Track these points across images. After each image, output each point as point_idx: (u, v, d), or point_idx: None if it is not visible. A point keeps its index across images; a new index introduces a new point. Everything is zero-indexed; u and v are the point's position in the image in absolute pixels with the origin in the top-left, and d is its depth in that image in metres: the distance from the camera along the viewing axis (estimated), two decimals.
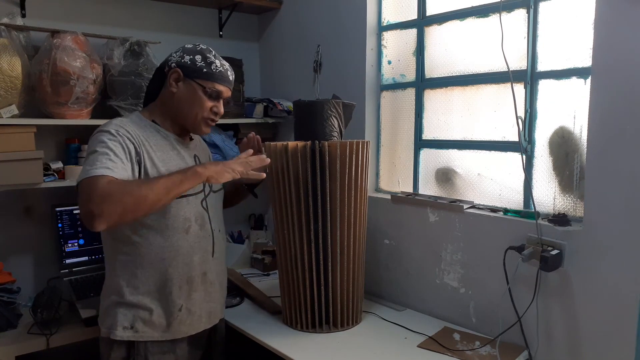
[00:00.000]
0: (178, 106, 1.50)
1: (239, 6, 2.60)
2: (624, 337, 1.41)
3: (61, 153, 2.20)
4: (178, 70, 1.48)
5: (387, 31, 2.17)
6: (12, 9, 2.06)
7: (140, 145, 1.40)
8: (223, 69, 1.51)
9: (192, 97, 1.48)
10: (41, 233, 2.20)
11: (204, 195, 1.56)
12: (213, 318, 1.61)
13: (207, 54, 1.50)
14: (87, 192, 1.24)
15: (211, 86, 1.48)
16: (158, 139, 1.48)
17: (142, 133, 1.44)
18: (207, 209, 1.56)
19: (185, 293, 1.50)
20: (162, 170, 1.43)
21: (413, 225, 1.97)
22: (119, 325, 1.45)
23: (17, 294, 1.94)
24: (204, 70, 1.48)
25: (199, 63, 1.48)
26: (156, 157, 1.44)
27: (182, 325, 1.50)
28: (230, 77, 1.54)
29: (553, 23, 1.61)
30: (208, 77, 1.48)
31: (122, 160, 1.34)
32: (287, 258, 1.76)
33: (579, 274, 1.50)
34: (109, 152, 1.32)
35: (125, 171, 1.33)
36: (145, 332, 1.46)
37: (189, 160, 1.54)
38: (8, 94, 1.86)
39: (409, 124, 2.10)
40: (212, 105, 1.50)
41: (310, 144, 1.67)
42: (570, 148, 1.58)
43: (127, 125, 1.42)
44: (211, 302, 1.58)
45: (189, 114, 1.49)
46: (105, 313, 1.49)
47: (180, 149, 1.53)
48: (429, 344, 1.66)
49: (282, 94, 2.67)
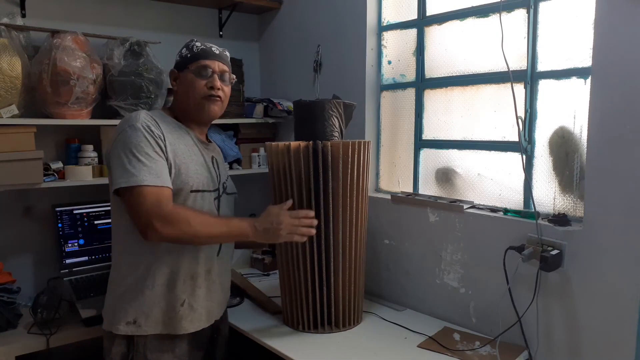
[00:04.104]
0: (182, 99, 1.56)
1: (239, 6, 2.60)
2: (624, 337, 1.41)
3: (61, 153, 2.20)
4: (173, 69, 1.58)
5: (387, 31, 2.17)
6: (12, 9, 2.06)
7: (165, 138, 1.44)
8: (205, 46, 1.56)
9: (185, 84, 1.54)
10: (41, 233, 2.20)
11: (218, 195, 1.58)
12: (211, 317, 1.60)
13: (190, 43, 1.57)
14: (152, 204, 1.34)
15: (196, 65, 1.52)
16: (181, 133, 1.53)
17: (166, 126, 1.48)
18: (219, 208, 1.58)
19: (189, 288, 1.50)
20: (186, 162, 1.47)
21: (413, 225, 1.98)
22: (122, 320, 1.46)
23: (17, 294, 1.94)
24: (188, 56, 1.54)
25: (184, 53, 1.56)
26: (181, 149, 1.48)
27: (183, 320, 1.50)
28: (215, 51, 1.56)
29: (553, 23, 1.61)
30: (192, 59, 1.53)
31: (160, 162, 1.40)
32: (288, 258, 1.76)
33: (579, 274, 1.50)
34: (149, 155, 1.38)
35: (168, 178, 1.41)
36: (148, 326, 1.47)
37: (207, 157, 1.58)
38: (8, 94, 1.86)
39: (409, 124, 2.10)
40: (205, 82, 1.52)
41: (312, 144, 1.67)
42: (570, 148, 1.58)
43: (151, 119, 1.46)
44: (211, 300, 1.58)
45: (190, 100, 1.53)
46: (110, 307, 1.51)
47: (200, 147, 1.57)
48: (429, 344, 1.66)
49: (282, 94, 2.67)
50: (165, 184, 1.39)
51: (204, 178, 1.52)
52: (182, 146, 1.50)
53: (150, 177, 1.36)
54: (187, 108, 1.56)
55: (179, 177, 1.45)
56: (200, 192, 1.50)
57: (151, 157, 1.38)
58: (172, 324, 1.49)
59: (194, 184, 1.48)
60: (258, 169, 2.62)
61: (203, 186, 1.51)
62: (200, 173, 1.51)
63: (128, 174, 1.36)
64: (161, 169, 1.39)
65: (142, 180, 1.35)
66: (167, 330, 1.49)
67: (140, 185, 1.34)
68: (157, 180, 1.37)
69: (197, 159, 1.53)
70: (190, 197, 1.47)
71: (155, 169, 1.38)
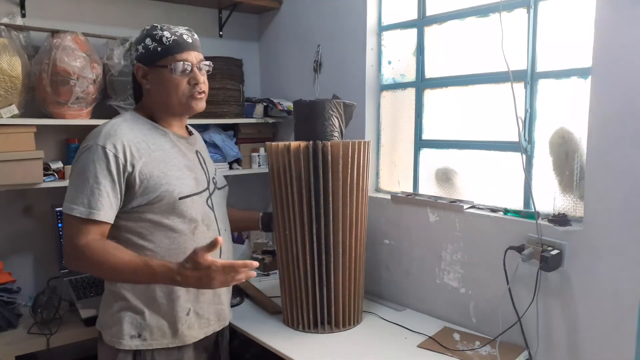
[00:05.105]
0: (159, 99, 1.44)
1: (239, 6, 2.60)
2: (624, 337, 1.41)
3: (61, 153, 2.20)
4: (139, 65, 1.42)
5: (387, 31, 2.17)
6: (12, 9, 2.06)
7: (135, 153, 1.36)
8: (176, 36, 1.40)
9: (163, 83, 1.41)
10: (41, 233, 2.21)
11: (209, 194, 1.51)
12: (222, 320, 1.56)
13: (154, 32, 1.40)
14: (69, 234, 1.33)
15: (172, 60, 1.39)
16: (156, 137, 1.44)
17: (138, 135, 1.39)
18: (213, 207, 1.51)
19: (193, 296, 1.45)
20: (165, 170, 1.39)
21: (413, 225, 1.97)
22: (126, 334, 1.40)
23: (17, 294, 1.94)
24: (158, 49, 1.39)
25: (150, 45, 1.39)
26: (157, 158, 1.40)
27: (191, 329, 1.46)
28: (188, 39, 1.42)
29: (553, 23, 1.61)
30: (164, 53, 1.39)
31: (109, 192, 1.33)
32: (288, 258, 1.76)
33: (579, 274, 1.50)
34: (98, 182, 1.32)
35: (111, 208, 1.34)
36: (154, 340, 1.41)
37: (191, 157, 1.50)
38: (8, 94, 1.86)
39: (409, 124, 2.10)
40: (187, 79, 1.42)
41: (312, 144, 1.67)
42: (570, 148, 1.58)
43: (119, 134, 1.36)
44: (220, 303, 1.53)
45: (171, 101, 1.43)
46: (109, 320, 1.43)
47: (181, 145, 1.48)
48: (429, 344, 1.66)
49: (282, 94, 2.67)
50: (93, 216, 1.30)
51: (189, 181, 1.44)
52: (159, 153, 1.40)
53: (80, 207, 1.30)
54: (167, 108, 1.46)
55: (159, 188, 1.37)
56: (190, 197, 1.42)
57: (89, 184, 1.31)
58: (179, 335, 1.44)
59: (180, 191, 1.40)
60: (258, 169, 2.62)
61: (191, 190, 1.43)
62: (185, 177, 1.44)
63: (67, 197, 1.34)
64: (97, 198, 1.31)
65: (71, 209, 1.31)
66: (175, 343, 1.44)
67: (67, 213, 1.32)
68: (85, 212, 1.30)
69: (178, 162, 1.44)
70: (180, 204, 1.40)
71: (89, 197, 1.31)
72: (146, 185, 1.36)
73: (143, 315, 1.41)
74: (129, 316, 1.41)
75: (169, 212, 1.40)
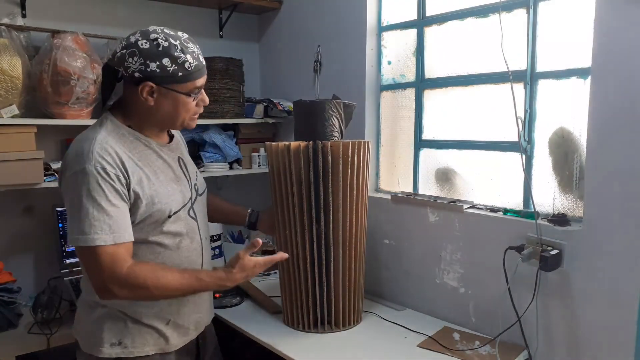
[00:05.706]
0: (161, 117, 1.37)
1: (239, 6, 2.60)
2: (624, 337, 1.41)
3: (61, 153, 2.20)
4: (149, 83, 1.29)
5: (387, 31, 2.17)
6: (13, 9, 2.06)
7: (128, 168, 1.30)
8: (198, 61, 1.33)
9: (174, 104, 1.34)
10: (41, 233, 2.21)
11: (192, 203, 1.46)
12: (199, 327, 1.53)
13: (174, 53, 1.28)
14: (98, 268, 1.24)
15: (192, 87, 1.34)
16: (141, 149, 1.37)
17: (123, 148, 1.32)
18: (196, 217, 1.47)
19: (175, 309, 1.42)
20: (156, 188, 1.35)
21: (413, 225, 1.98)
22: (106, 342, 1.36)
23: (17, 293, 1.94)
24: (179, 74, 1.29)
25: (170, 68, 1.28)
26: (145, 173, 1.34)
27: (171, 338, 1.43)
28: (203, 61, 1.36)
29: (553, 23, 1.62)
30: (185, 79, 1.31)
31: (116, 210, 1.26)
32: (288, 258, 1.76)
33: (578, 274, 1.50)
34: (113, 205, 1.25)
35: (130, 225, 1.29)
36: (135, 347, 1.38)
37: (174, 165, 1.44)
38: (8, 94, 1.86)
39: (409, 124, 2.10)
40: (196, 102, 1.38)
41: (312, 144, 1.67)
42: (569, 148, 1.58)
43: (111, 153, 1.28)
44: (199, 312, 1.50)
45: (176, 119, 1.38)
46: (88, 328, 1.39)
47: (163, 154, 1.42)
48: (429, 343, 1.66)
49: (282, 94, 2.68)
50: (120, 239, 1.25)
51: (177, 196, 1.40)
52: (147, 168, 1.35)
53: (103, 235, 1.23)
54: (164, 125, 1.42)
55: (152, 206, 1.33)
56: (177, 213, 1.39)
57: (103, 209, 1.24)
58: (159, 343, 1.41)
59: (172, 207, 1.37)
60: (258, 169, 2.62)
61: (178, 205, 1.39)
62: (173, 191, 1.40)
63: (79, 229, 1.23)
64: (116, 220, 1.25)
65: (94, 240, 1.22)
66: (155, 350, 1.41)
67: (90, 245, 1.22)
68: (110, 238, 1.24)
69: (165, 176, 1.39)
70: (168, 221, 1.36)
71: (108, 222, 1.24)
72: (138, 205, 1.32)
73: (121, 327, 1.37)
74: (110, 322, 1.37)
75: (156, 228, 1.36)
